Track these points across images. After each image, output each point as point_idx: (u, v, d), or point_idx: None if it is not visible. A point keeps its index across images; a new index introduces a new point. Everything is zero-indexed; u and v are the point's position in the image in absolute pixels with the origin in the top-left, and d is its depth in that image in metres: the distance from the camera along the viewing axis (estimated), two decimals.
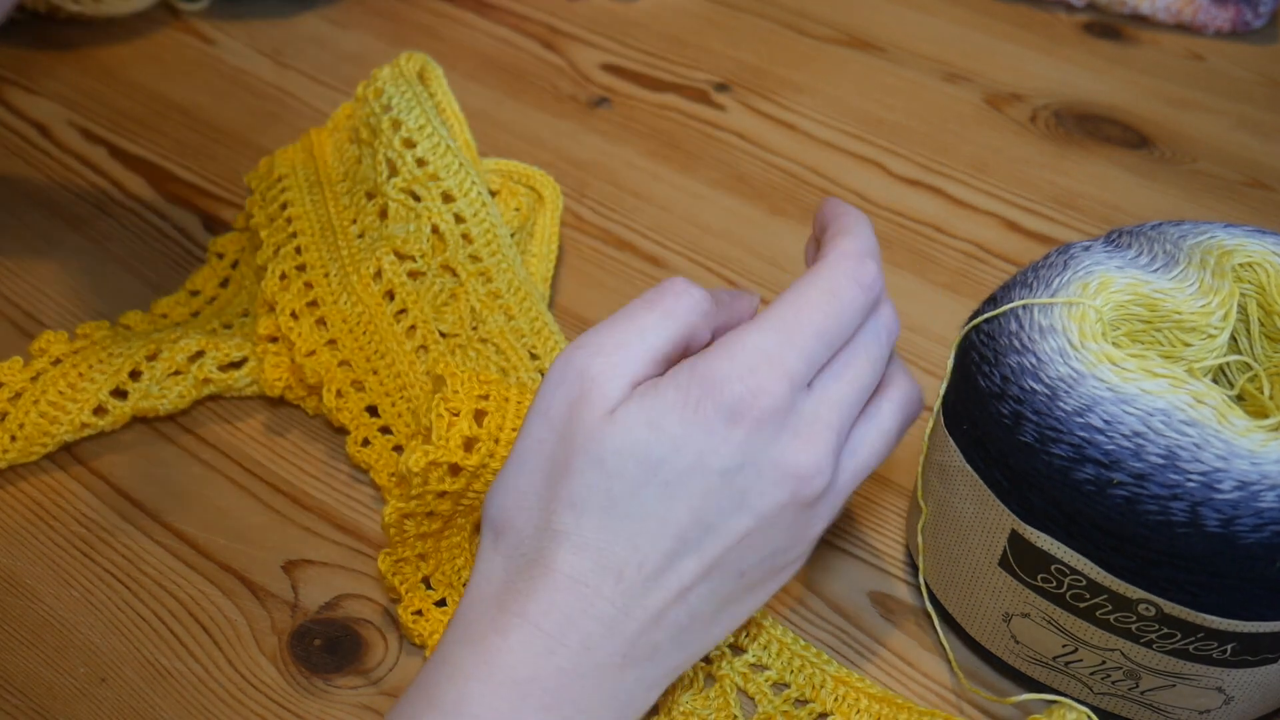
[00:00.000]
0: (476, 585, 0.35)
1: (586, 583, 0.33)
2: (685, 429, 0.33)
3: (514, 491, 0.35)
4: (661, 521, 0.34)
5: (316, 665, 0.42)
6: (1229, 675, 0.37)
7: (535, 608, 0.33)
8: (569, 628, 0.33)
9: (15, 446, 0.47)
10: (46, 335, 0.50)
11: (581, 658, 0.33)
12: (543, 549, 0.34)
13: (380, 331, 0.50)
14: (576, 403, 0.34)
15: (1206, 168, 0.66)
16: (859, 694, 0.41)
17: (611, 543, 0.34)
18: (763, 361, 0.34)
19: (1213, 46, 0.76)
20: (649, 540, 0.34)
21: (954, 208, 0.63)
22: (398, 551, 0.42)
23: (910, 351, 0.55)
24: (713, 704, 0.41)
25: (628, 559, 0.34)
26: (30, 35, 0.73)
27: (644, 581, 0.34)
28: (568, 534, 0.34)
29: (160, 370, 0.49)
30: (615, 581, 0.34)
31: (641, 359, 0.34)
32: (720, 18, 0.78)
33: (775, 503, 0.34)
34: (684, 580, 0.34)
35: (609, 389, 0.34)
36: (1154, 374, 0.35)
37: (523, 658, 0.33)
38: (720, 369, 0.34)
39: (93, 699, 0.41)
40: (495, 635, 0.33)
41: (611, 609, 0.34)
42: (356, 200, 0.53)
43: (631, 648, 0.34)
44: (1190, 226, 0.41)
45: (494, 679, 0.33)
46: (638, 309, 0.35)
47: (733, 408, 0.33)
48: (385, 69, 0.54)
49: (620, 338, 0.35)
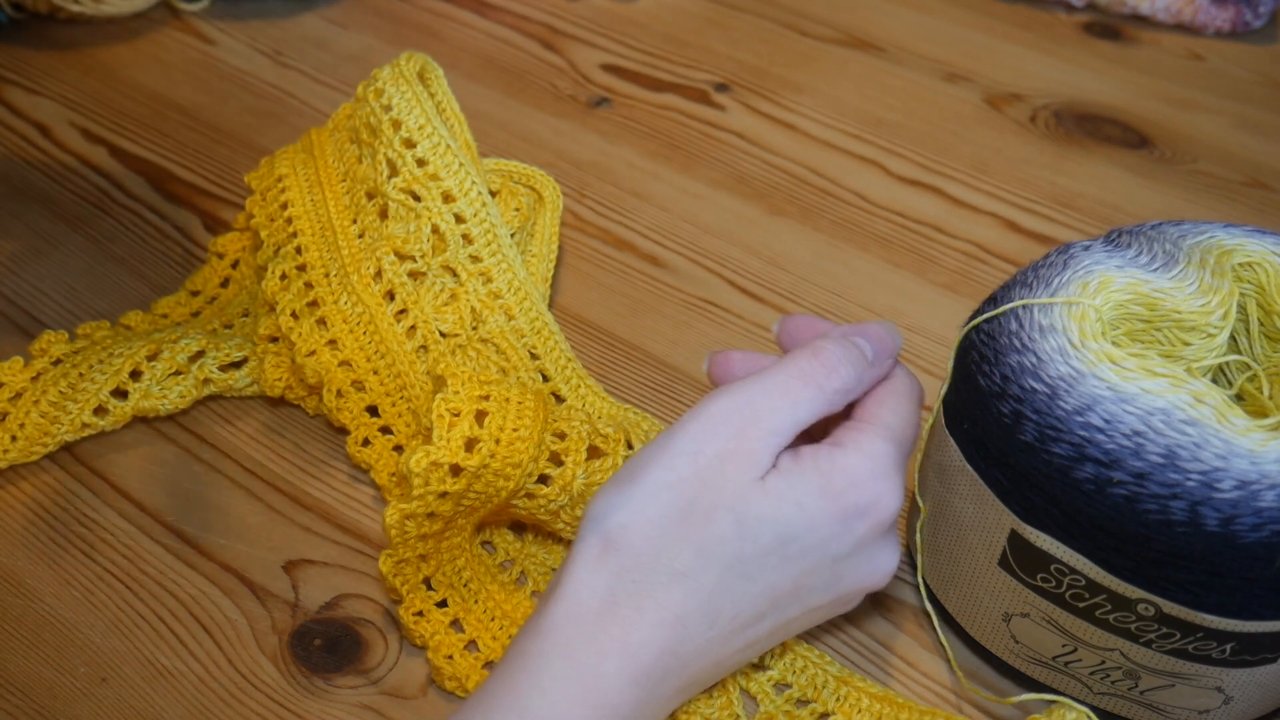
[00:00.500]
0: (575, 594, 0.35)
1: (687, 625, 0.35)
2: (822, 515, 0.36)
3: (642, 516, 0.36)
4: (769, 586, 0.36)
5: (317, 665, 0.42)
6: (1228, 675, 0.37)
7: (637, 639, 0.35)
8: (659, 662, 0.35)
9: (16, 446, 0.47)
10: (47, 335, 0.50)
11: (657, 689, 0.35)
12: (658, 584, 0.35)
13: (380, 331, 0.50)
14: (729, 457, 0.36)
15: (1206, 168, 0.66)
16: (860, 694, 0.41)
17: (721, 595, 0.36)
18: (892, 471, 0.37)
19: (1213, 46, 0.76)
20: (750, 600, 0.36)
21: (954, 208, 0.63)
22: (399, 552, 0.42)
23: (910, 351, 0.55)
24: (715, 704, 0.41)
25: (725, 610, 0.36)
26: (31, 35, 0.73)
27: (730, 632, 0.36)
28: (688, 576, 0.35)
29: (161, 370, 0.49)
30: (708, 628, 0.36)
31: (791, 431, 0.37)
32: (720, 18, 0.78)
33: (856, 587, 0.38)
34: (759, 635, 0.37)
35: (761, 456, 0.36)
36: (1154, 373, 0.35)
37: (615, 685, 0.34)
38: (861, 469, 0.37)
39: (93, 698, 0.41)
40: (595, 657, 0.34)
41: (695, 651, 0.36)
42: (356, 200, 0.53)
43: (691, 682, 0.37)
44: (1190, 226, 0.41)
45: (587, 702, 0.34)
46: (794, 380, 0.37)
47: (864, 507, 0.37)
48: (385, 69, 0.54)
49: (778, 404, 0.36)
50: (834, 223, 0.62)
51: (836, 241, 0.61)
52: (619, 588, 0.35)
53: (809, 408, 0.37)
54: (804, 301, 0.57)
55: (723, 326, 0.56)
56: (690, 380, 0.53)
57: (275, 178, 0.55)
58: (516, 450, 0.41)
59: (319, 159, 0.55)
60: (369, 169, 0.53)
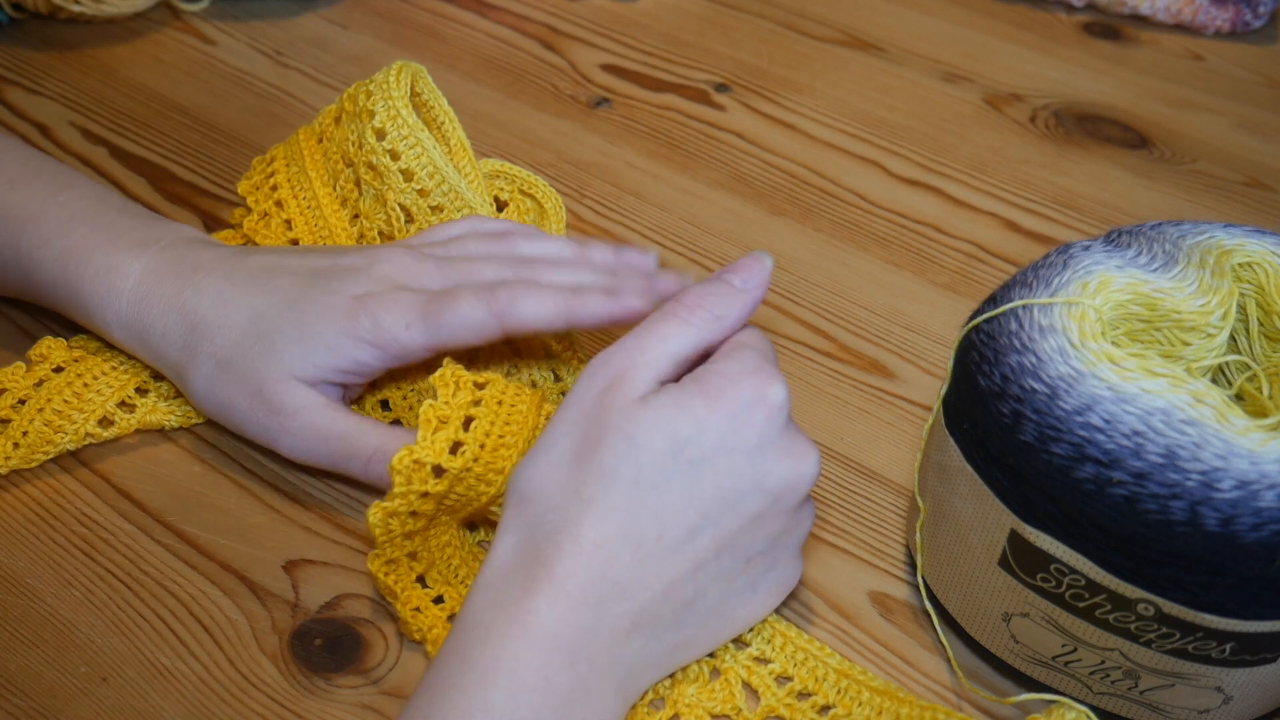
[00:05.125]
0: (499, 554, 0.37)
1: (608, 547, 0.36)
2: (710, 413, 0.37)
3: (544, 465, 0.38)
4: (687, 497, 0.37)
5: (317, 665, 0.42)
6: (1228, 675, 0.37)
7: (561, 570, 0.36)
8: (589, 589, 0.36)
9: (18, 454, 0.47)
10: (46, 341, 0.50)
11: (597, 618, 0.36)
12: (570, 515, 0.36)
13: None
14: (608, 390, 0.38)
15: (1206, 168, 0.66)
16: (861, 687, 0.41)
17: (637, 513, 0.37)
18: (762, 366, 0.39)
19: (1212, 46, 0.76)
20: (672, 514, 0.37)
21: (954, 208, 0.63)
22: (386, 552, 0.42)
23: (910, 351, 0.55)
24: (718, 696, 0.41)
25: (648, 529, 0.37)
26: (31, 35, 0.73)
27: (662, 553, 0.37)
28: (595, 501, 0.37)
29: (168, 389, 0.49)
30: (634, 549, 0.36)
31: (665, 360, 0.39)
32: (720, 18, 0.78)
33: (785, 482, 0.38)
34: (698, 555, 0.37)
35: (639, 381, 0.38)
36: (1154, 373, 0.35)
37: (549, 618, 0.35)
38: (731, 369, 0.39)
39: (94, 698, 0.41)
40: (526, 597, 0.36)
41: (628, 575, 0.36)
42: (349, 199, 0.53)
43: (640, 614, 0.37)
44: (1190, 226, 0.41)
45: (526, 638, 0.35)
46: (657, 319, 0.40)
47: (748, 400, 0.38)
48: (373, 87, 0.53)
49: (646, 341, 0.39)
50: (834, 223, 0.62)
51: (836, 241, 0.61)
52: (536, 533, 0.37)
53: (679, 340, 0.39)
54: (804, 301, 0.57)
55: None
56: None
57: (266, 175, 0.55)
58: (500, 456, 0.41)
59: (312, 172, 0.54)
60: (368, 204, 0.52)
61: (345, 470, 0.45)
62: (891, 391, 0.53)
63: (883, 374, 0.54)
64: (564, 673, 0.35)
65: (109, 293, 0.47)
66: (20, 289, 0.50)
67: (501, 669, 0.34)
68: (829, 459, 0.50)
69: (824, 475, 0.49)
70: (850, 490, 0.49)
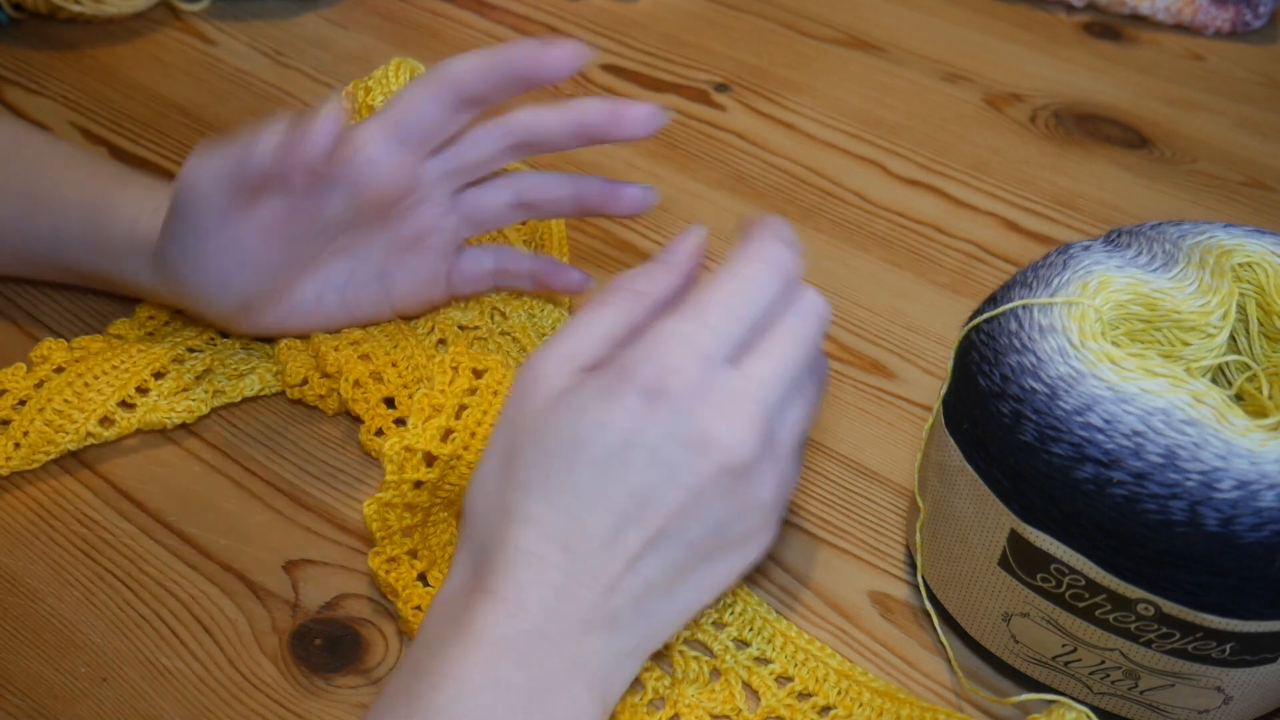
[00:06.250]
0: (452, 575, 0.38)
1: (535, 553, 0.36)
2: (607, 411, 0.36)
3: (479, 479, 0.38)
4: (599, 497, 0.36)
5: (317, 665, 0.42)
6: (1228, 675, 0.37)
7: (494, 579, 0.36)
8: (526, 594, 0.35)
9: (19, 454, 0.47)
10: (47, 342, 0.50)
11: (542, 621, 0.35)
12: (497, 529, 0.37)
13: (402, 329, 0.50)
14: (526, 393, 0.38)
15: (1206, 168, 0.66)
16: (861, 688, 0.41)
17: (555, 517, 0.36)
18: (674, 342, 0.36)
19: (1212, 46, 0.76)
20: (590, 514, 0.36)
21: (954, 208, 0.63)
22: (386, 550, 0.42)
23: (910, 351, 0.55)
24: (718, 697, 0.41)
25: (571, 531, 0.36)
26: (31, 35, 0.73)
27: (591, 553, 0.36)
28: (515, 510, 0.36)
29: (168, 388, 0.49)
30: (562, 551, 0.36)
31: (586, 345, 0.38)
32: (720, 18, 0.78)
33: (702, 474, 0.36)
34: (630, 551, 0.36)
35: (552, 378, 0.37)
36: (1154, 373, 0.35)
37: (490, 621, 0.35)
38: (634, 354, 0.36)
39: (94, 698, 0.41)
40: (470, 607, 0.36)
41: (562, 577, 0.36)
42: None
43: (590, 613, 0.36)
44: (1190, 226, 0.41)
45: (468, 642, 0.35)
46: (574, 320, 0.39)
47: (649, 388, 0.36)
48: (372, 83, 0.54)
49: (563, 333, 0.38)
50: (834, 223, 0.62)
51: (836, 241, 0.61)
52: (478, 547, 0.37)
53: (598, 324, 0.38)
54: None
55: None
56: None
57: None
58: None
59: None
60: None
61: None
62: (891, 391, 0.53)
63: (883, 374, 0.54)
64: (516, 673, 0.35)
65: (100, 230, 0.48)
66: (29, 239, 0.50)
67: (449, 674, 0.34)
68: (829, 459, 0.50)
69: (824, 475, 0.49)
70: (850, 490, 0.49)
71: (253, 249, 0.45)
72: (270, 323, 0.49)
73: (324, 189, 0.45)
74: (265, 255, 0.46)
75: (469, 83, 0.45)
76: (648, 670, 0.41)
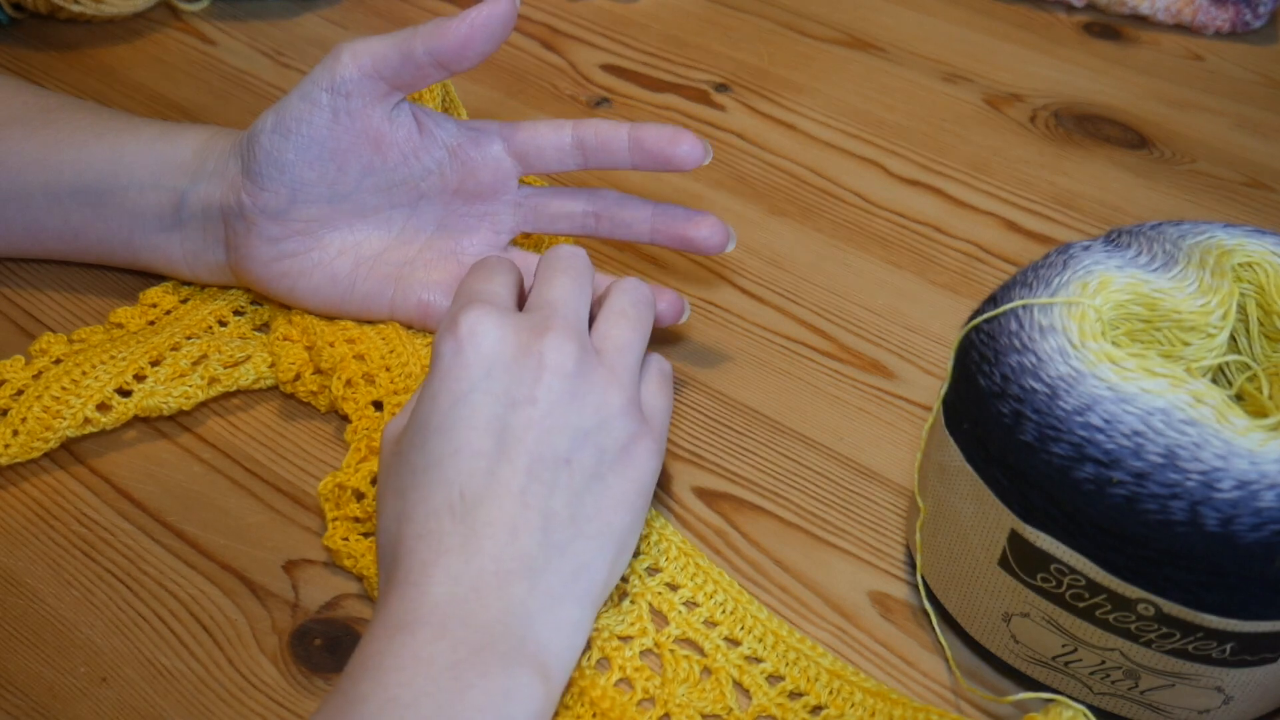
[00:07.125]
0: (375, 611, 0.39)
1: (428, 531, 0.37)
2: (431, 382, 0.40)
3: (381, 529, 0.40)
4: (460, 453, 0.38)
5: (317, 665, 0.42)
6: (1228, 675, 0.37)
7: (400, 573, 0.37)
8: (431, 568, 0.37)
9: (17, 441, 0.47)
10: (46, 337, 0.50)
11: (452, 586, 0.36)
12: (396, 540, 0.38)
13: (400, 334, 0.50)
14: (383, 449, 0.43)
15: (1206, 168, 0.66)
16: (853, 688, 0.41)
17: (430, 492, 0.38)
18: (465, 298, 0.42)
19: (1212, 47, 0.76)
20: (459, 472, 0.38)
21: (954, 208, 0.63)
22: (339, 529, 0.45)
23: (910, 351, 0.55)
24: (708, 696, 0.41)
25: (451, 495, 0.38)
26: (31, 35, 0.73)
27: (477, 504, 0.38)
28: (402, 514, 0.38)
29: (165, 374, 0.49)
30: (450, 517, 0.37)
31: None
32: (720, 18, 0.78)
33: (535, 382, 0.39)
34: (513, 486, 0.38)
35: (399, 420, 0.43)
36: (1154, 373, 0.35)
37: (400, 608, 0.36)
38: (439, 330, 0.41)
39: (93, 698, 0.41)
40: (382, 610, 0.37)
41: (459, 538, 0.37)
42: None
43: (500, 563, 0.37)
44: (1190, 226, 0.41)
45: (383, 628, 0.36)
46: None
47: (458, 337, 0.40)
48: None
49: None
50: (834, 223, 0.62)
51: (836, 241, 0.61)
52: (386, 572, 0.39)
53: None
54: (804, 302, 0.57)
55: (723, 326, 0.56)
56: (690, 379, 0.53)
57: None
58: None
59: None
60: None
61: None
62: (891, 391, 0.53)
63: (883, 374, 0.54)
64: (433, 644, 0.35)
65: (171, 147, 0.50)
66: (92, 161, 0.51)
67: (369, 663, 0.35)
68: (829, 458, 0.50)
69: (824, 475, 0.49)
70: (850, 490, 0.49)
71: (342, 158, 0.48)
72: (277, 256, 0.49)
73: (430, 144, 0.49)
74: (347, 170, 0.48)
75: (593, 140, 0.49)
76: (637, 669, 0.41)
